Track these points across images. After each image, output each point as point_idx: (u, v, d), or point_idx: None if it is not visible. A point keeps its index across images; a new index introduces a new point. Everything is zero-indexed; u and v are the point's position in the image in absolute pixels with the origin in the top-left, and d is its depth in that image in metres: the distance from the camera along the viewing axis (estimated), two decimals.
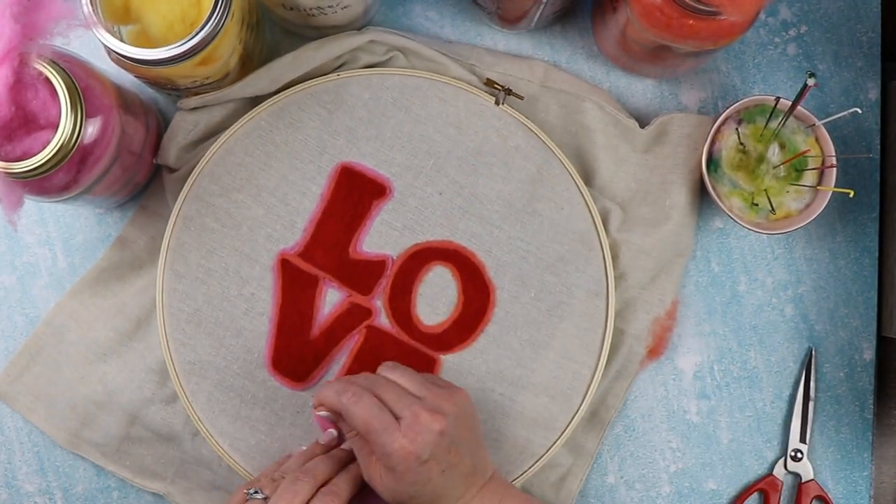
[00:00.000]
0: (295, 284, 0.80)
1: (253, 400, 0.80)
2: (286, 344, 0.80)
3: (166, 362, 0.79)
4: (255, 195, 0.80)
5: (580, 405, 0.80)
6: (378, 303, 0.80)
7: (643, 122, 0.85)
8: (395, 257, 0.80)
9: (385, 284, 0.80)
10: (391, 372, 0.73)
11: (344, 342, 0.80)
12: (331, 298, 0.80)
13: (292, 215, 0.80)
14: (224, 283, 0.80)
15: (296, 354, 0.80)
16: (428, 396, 0.70)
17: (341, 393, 0.70)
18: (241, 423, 0.79)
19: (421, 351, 0.80)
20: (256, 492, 0.71)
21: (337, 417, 0.72)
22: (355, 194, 0.80)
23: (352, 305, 0.80)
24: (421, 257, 0.81)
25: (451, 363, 0.80)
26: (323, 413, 0.72)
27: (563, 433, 0.80)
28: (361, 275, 0.80)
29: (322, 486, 0.70)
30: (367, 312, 0.80)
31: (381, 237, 0.81)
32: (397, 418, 0.68)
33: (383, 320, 0.81)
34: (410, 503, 0.69)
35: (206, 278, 0.79)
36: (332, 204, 0.80)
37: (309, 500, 0.69)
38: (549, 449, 0.80)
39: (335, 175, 0.81)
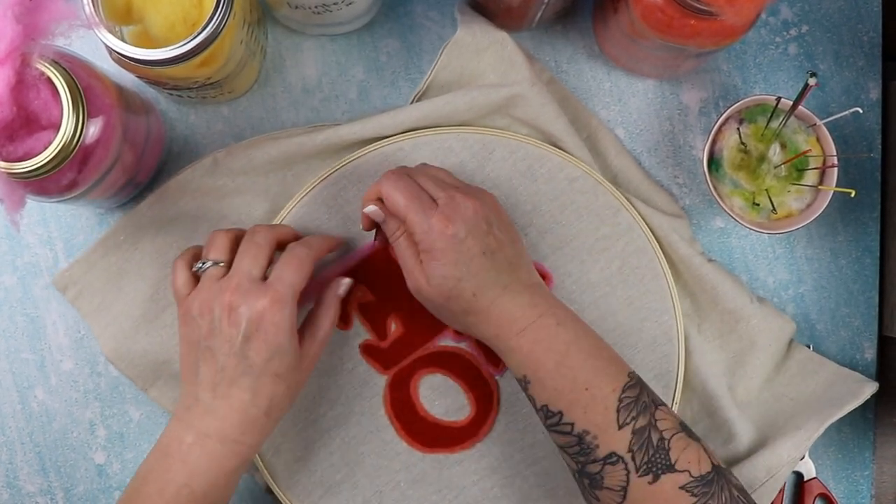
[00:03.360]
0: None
1: None
2: None
3: None
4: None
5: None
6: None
7: (645, 124, 0.85)
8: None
9: None
10: (428, 167, 0.75)
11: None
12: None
13: None
14: None
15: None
16: (461, 186, 0.72)
17: (381, 181, 0.71)
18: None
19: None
20: (203, 262, 0.71)
21: (384, 212, 0.72)
22: None
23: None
24: None
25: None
26: (371, 208, 0.72)
27: None
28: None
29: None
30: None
31: None
32: (435, 200, 0.70)
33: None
34: (457, 290, 0.69)
35: None
36: None
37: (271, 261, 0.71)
38: None
39: None
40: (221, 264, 0.70)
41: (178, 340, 0.80)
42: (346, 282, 0.77)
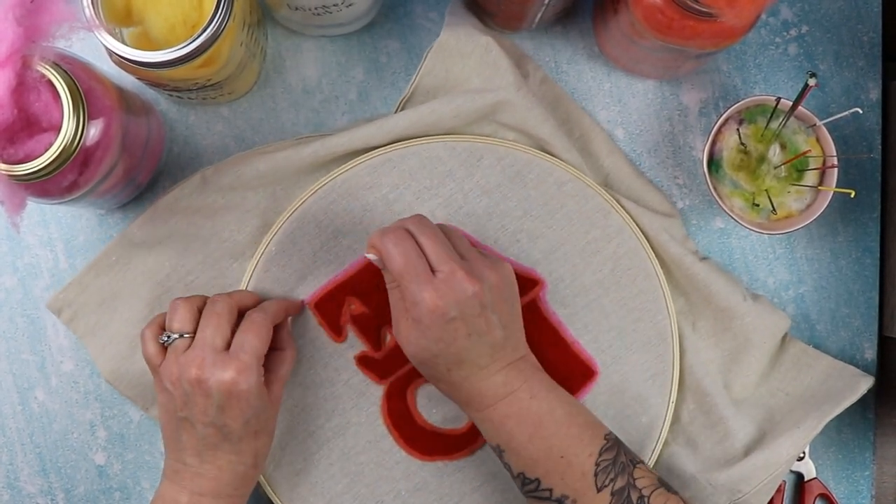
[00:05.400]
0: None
1: None
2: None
3: None
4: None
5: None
6: None
7: (645, 124, 0.85)
8: None
9: None
10: (446, 228, 0.73)
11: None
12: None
13: None
14: None
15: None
16: (471, 259, 0.70)
17: (385, 234, 0.70)
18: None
19: None
20: (168, 336, 0.71)
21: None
22: None
23: None
24: None
25: None
26: (373, 257, 0.71)
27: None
28: None
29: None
30: None
31: None
32: (435, 271, 0.68)
33: None
34: (432, 361, 0.69)
35: None
36: None
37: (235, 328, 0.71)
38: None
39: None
40: (186, 335, 0.71)
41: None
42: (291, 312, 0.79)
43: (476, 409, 0.71)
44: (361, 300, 0.81)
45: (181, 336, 0.71)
